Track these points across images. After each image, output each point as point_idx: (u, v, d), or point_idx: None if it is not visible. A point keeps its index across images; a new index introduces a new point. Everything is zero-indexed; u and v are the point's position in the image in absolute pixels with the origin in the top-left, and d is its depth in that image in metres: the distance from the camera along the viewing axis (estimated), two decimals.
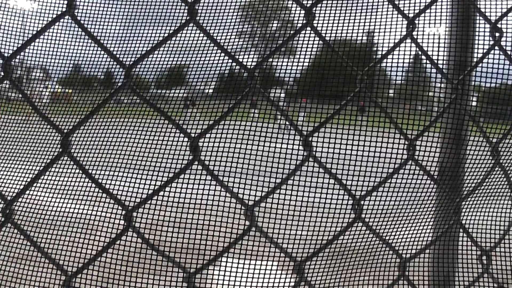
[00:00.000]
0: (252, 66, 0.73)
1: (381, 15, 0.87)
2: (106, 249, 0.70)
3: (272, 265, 0.89)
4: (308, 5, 0.74)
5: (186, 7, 0.68)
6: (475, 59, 0.93)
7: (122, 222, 0.78)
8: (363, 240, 0.88)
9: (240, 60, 0.76)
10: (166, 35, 0.73)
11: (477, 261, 0.95)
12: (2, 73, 0.66)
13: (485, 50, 0.88)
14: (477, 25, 1.01)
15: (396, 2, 0.82)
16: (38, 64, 1.09)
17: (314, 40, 0.80)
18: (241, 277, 0.84)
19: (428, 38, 0.87)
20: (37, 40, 0.78)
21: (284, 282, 0.85)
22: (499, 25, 0.87)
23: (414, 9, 0.84)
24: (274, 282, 0.84)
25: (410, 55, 0.86)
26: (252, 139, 0.88)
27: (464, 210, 0.97)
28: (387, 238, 0.86)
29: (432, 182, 0.88)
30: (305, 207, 0.95)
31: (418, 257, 0.90)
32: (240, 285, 0.84)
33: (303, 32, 0.78)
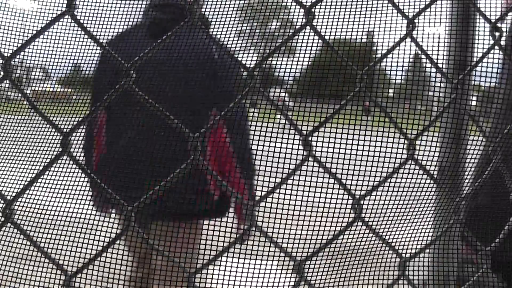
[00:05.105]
0: (251, 66, 0.73)
1: (381, 14, 0.87)
2: (106, 249, 0.70)
3: (272, 265, 0.89)
4: (308, 5, 0.74)
5: (186, 7, 0.68)
6: (475, 59, 0.93)
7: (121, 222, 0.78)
8: (363, 240, 0.88)
9: (240, 59, 0.76)
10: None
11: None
12: (2, 73, 0.66)
13: (485, 50, 0.88)
14: (477, 25, 1.01)
15: (396, 2, 0.82)
16: (38, 64, 1.09)
17: (314, 40, 0.80)
18: (241, 276, 0.84)
19: (428, 38, 0.87)
20: (37, 39, 0.78)
21: (284, 282, 0.85)
22: (499, 25, 0.87)
23: (414, 9, 0.84)
24: (274, 282, 0.84)
25: (410, 54, 0.86)
26: (252, 139, 0.88)
27: (464, 209, 0.97)
28: (387, 237, 0.86)
29: (432, 182, 0.88)
30: (305, 207, 0.95)
31: (418, 257, 0.90)
32: (240, 285, 0.84)
33: (303, 31, 0.78)
